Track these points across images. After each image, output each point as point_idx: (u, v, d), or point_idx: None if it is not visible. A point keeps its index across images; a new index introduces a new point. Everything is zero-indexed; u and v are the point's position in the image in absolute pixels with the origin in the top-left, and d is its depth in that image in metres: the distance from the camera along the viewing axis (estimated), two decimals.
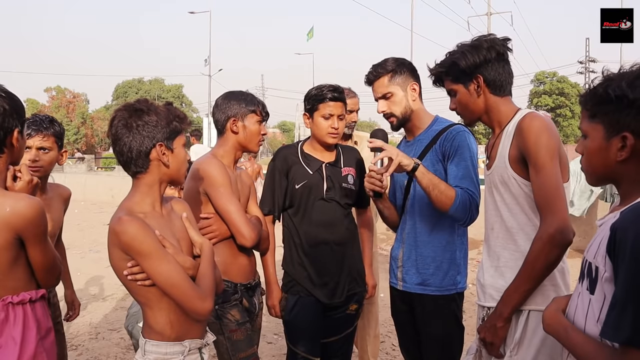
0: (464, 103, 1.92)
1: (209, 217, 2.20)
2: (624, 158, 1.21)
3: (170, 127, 1.64)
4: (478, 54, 1.84)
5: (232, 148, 2.30)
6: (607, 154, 1.24)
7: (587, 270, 1.23)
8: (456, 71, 1.90)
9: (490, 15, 31.28)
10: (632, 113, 1.18)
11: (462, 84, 1.90)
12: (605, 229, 1.19)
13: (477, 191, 2.09)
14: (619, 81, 1.21)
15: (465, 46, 1.89)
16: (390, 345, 4.14)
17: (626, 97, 1.18)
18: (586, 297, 1.23)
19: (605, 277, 1.15)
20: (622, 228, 1.11)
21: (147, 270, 1.54)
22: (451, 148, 2.13)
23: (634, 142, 1.19)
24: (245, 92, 2.36)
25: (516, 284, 1.71)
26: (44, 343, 1.68)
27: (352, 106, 3.07)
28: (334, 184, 2.44)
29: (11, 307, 1.59)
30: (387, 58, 2.31)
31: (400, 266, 2.28)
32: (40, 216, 1.58)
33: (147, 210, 1.63)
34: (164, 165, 1.64)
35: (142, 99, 1.67)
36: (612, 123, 1.22)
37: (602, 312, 1.17)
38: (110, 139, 1.65)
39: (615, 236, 1.12)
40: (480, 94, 1.87)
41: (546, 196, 1.66)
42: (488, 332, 1.78)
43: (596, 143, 1.27)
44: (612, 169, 1.25)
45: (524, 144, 1.72)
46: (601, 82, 1.25)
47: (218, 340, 2.18)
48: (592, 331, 1.19)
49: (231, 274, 2.24)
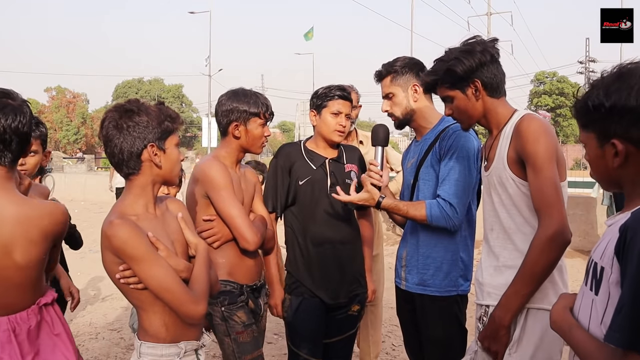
0: (463, 108, 1.90)
1: (212, 220, 2.18)
2: (620, 163, 1.21)
3: (162, 127, 1.62)
4: (473, 57, 1.83)
5: (234, 150, 2.28)
6: (605, 161, 1.24)
7: (593, 270, 1.23)
8: (452, 77, 1.87)
9: (490, 15, 31.28)
10: (614, 119, 1.18)
11: (459, 89, 1.88)
12: (614, 229, 1.17)
13: (454, 195, 2.08)
14: (597, 90, 1.21)
15: (457, 51, 1.87)
16: (390, 345, 4.14)
17: (603, 105, 1.18)
18: (590, 297, 1.22)
19: (612, 278, 1.14)
20: (632, 228, 1.08)
21: (139, 274, 1.53)
22: (445, 147, 2.14)
23: (623, 147, 1.18)
24: (249, 91, 2.30)
25: (516, 288, 1.70)
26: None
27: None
28: (337, 180, 2.43)
29: (45, 309, 1.68)
30: (398, 57, 2.33)
31: (404, 266, 2.28)
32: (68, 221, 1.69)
33: (139, 212, 1.61)
34: (156, 166, 1.62)
35: (133, 100, 1.66)
36: (601, 131, 1.22)
37: (605, 313, 1.16)
38: (102, 141, 1.63)
39: (625, 237, 1.10)
40: (479, 97, 1.86)
41: (544, 198, 1.66)
42: (492, 341, 1.76)
43: (594, 152, 1.27)
44: (614, 175, 1.25)
45: (522, 146, 1.72)
46: (586, 91, 1.25)
47: (224, 342, 2.18)
48: (594, 331, 1.19)
49: (237, 275, 2.22)
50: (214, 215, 2.18)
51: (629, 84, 1.16)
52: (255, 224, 2.22)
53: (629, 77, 1.17)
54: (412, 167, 2.30)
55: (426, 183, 2.21)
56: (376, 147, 2.26)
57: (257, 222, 2.26)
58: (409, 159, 2.37)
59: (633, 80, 1.16)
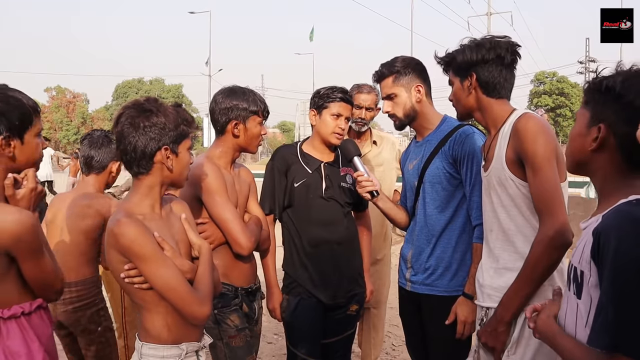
0: (457, 97, 1.96)
1: (204, 223, 2.14)
2: (594, 148, 1.24)
3: (178, 130, 1.61)
4: (477, 52, 1.85)
5: (231, 149, 2.23)
6: (584, 140, 1.27)
7: (574, 274, 1.24)
8: (454, 65, 1.94)
9: (490, 15, 31.29)
10: (613, 107, 1.21)
11: (459, 77, 1.94)
12: (588, 232, 1.19)
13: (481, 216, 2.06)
14: (618, 76, 1.22)
15: (469, 43, 1.91)
16: (390, 345, 4.14)
17: (614, 90, 1.20)
18: (574, 301, 1.24)
19: (591, 282, 1.16)
20: (605, 233, 1.11)
21: (145, 273, 1.52)
22: (462, 152, 2.12)
23: (605, 134, 1.21)
24: (245, 88, 2.25)
25: (517, 288, 1.70)
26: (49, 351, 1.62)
27: (360, 102, 3.04)
28: (332, 183, 2.43)
29: (2, 322, 1.51)
30: (397, 57, 2.30)
31: (410, 267, 2.27)
32: (30, 232, 1.47)
33: (146, 211, 1.61)
34: (168, 169, 1.61)
35: (152, 98, 1.63)
36: (596, 112, 1.25)
37: (589, 316, 1.17)
38: (115, 136, 1.61)
39: (598, 241, 1.12)
40: (472, 92, 1.89)
41: (545, 198, 1.66)
42: (489, 336, 1.77)
43: (579, 128, 1.30)
44: (585, 157, 1.28)
45: (521, 146, 1.71)
46: (607, 74, 1.27)
47: (216, 346, 2.14)
48: (581, 335, 1.19)
49: (232, 277, 2.19)
50: (206, 218, 2.15)
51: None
52: (249, 227, 2.19)
53: None
54: (415, 168, 2.28)
55: (434, 186, 2.18)
56: (353, 160, 2.30)
57: (251, 225, 2.22)
58: (410, 160, 2.34)
59: None
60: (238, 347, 2.15)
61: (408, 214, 2.36)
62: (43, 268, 1.56)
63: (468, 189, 2.12)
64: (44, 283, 1.58)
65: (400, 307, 2.43)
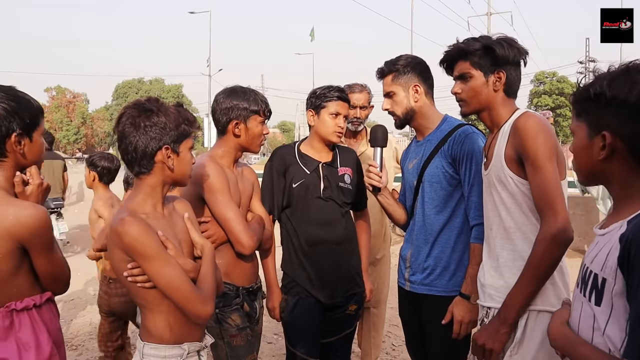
0: (476, 91, 1.88)
1: (207, 221, 2.15)
2: (604, 157, 1.20)
3: (179, 130, 1.62)
4: (513, 50, 1.83)
5: (233, 149, 2.24)
6: (591, 152, 1.23)
7: (593, 281, 1.20)
8: (485, 56, 1.85)
9: (490, 15, 31.27)
10: (610, 111, 1.17)
11: (484, 72, 1.87)
12: (611, 239, 1.15)
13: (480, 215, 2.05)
14: (602, 80, 1.20)
15: (499, 36, 1.87)
16: (390, 345, 4.14)
17: (604, 94, 1.17)
18: (589, 308, 1.21)
19: (615, 290, 1.12)
20: (637, 242, 1.06)
21: (148, 272, 1.53)
22: (461, 152, 2.12)
23: (612, 140, 1.18)
24: (247, 88, 2.26)
25: (520, 287, 1.69)
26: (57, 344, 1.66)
27: (353, 101, 3.02)
28: (330, 184, 2.43)
29: (15, 314, 1.56)
30: (401, 56, 2.31)
31: (409, 267, 2.27)
32: (44, 226, 1.53)
33: (149, 211, 1.61)
34: (169, 168, 1.62)
35: (153, 98, 1.64)
36: (593, 121, 1.21)
37: (607, 324, 1.14)
38: (117, 136, 1.62)
39: (628, 249, 1.08)
40: (498, 89, 1.86)
41: (546, 196, 1.66)
42: (489, 337, 1.75)
43: (581, 142, 1.26)
44: (597, 168, 1.24)
45: (521, 144, 1.71)
46: (590, 81, 1.24)
47: (217, 345, 2.14)
48: (598, 343, 1.17)
49: (233, 276, 2.20)
50: (208, 217, 2.16)
51: (634, 79, 1.15)
52: (251, 226, 2.20)
53: (635, 73, 1.17)
54: (414, 167, 2.28)
55: (433, 185, 2.18)
56: (375, 148, 2.27)
57: (253, 224, 2.23)
58: (410, 160, 2.35)
59: (638, 77, 1.15)
60: (239, 346, 2.16)
61: (407, 212, 2.37)
62: (54, 261, 1.61)
63: (466, 188, 2.12)
64: (54, 276, 1.63)
65: (400, 307, 2.43)
